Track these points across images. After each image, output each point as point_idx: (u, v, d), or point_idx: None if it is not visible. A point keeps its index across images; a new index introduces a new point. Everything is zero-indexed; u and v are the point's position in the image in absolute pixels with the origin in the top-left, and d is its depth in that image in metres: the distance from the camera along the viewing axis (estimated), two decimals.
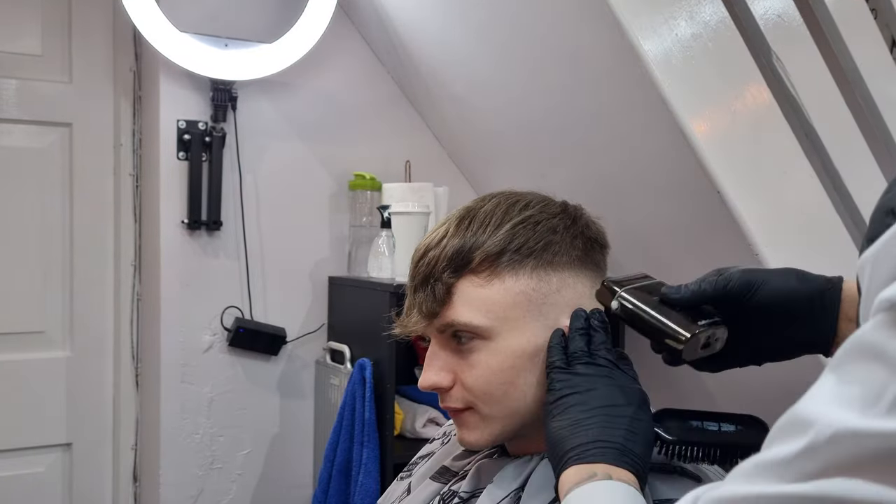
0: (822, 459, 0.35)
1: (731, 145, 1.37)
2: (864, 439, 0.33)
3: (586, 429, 0.66)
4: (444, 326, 0.79)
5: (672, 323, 0.70)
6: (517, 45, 1.62)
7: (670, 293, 0.73)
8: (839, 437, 0.34)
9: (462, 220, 0.81)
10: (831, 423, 0.34)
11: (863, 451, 0.33)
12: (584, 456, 0.65)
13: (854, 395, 0.34)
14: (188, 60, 1.82)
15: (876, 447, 0.33)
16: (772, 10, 1.42)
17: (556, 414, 0.69)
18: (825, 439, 0.34)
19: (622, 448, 0.65)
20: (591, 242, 0.82)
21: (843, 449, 0.34)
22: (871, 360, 0.35)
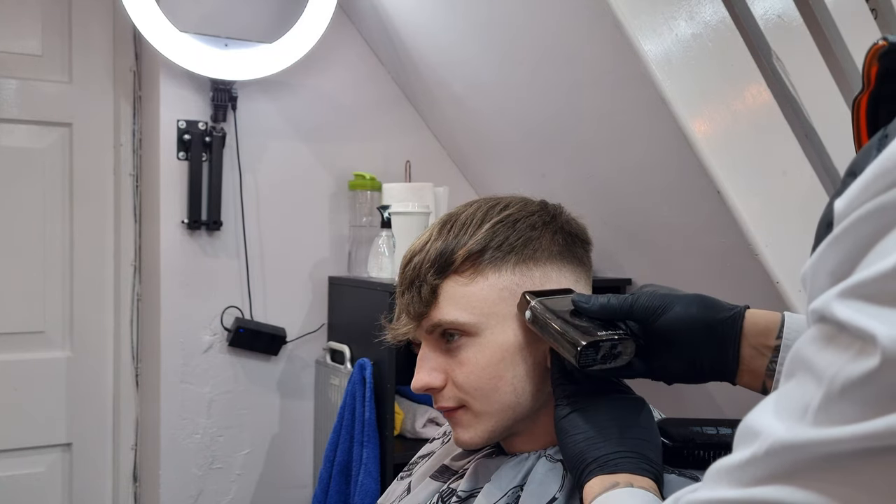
0: (763, 468, 0.37)
1: (731, 145, 1.37)
2: (794, 451, 0.36)
3: (603, 441, 0.68)
4: (431, 327, 0.80)
5: (571, 333, 0.71)
6: (517, 46, 1.62)
7: (580, 302, 0.74)
8: (774, 450, 0.37)
9: (444, 224, 0.83)
10: (768, 436, 0.37)
11: (793, 461, 0.36)
12: (605, 467, 0.66)
13: (789, 406, 0.37)
14: (188, 60, 1.82)
15: (804, 457, 0.35)
16: (772, 10, 1.42)
17: (569, 429, 0.71)
18: (763, 451, 0.37)
19: (640, 456, 0.67)
20: (572, 238, 0.84)
21: (777, 460, 0.37)
22: (803, 371, 0.37)
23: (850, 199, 0.36)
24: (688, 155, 1.35)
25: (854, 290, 0.34)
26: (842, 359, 0.34)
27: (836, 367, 0.34)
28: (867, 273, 0.33)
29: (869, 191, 0.35)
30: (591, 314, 0.73)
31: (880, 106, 0.43)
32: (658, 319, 0.71)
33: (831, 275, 0.36)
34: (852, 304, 0.34)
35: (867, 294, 0.33)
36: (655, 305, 0.71)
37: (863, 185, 0.35)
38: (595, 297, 0.74)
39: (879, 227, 0.33)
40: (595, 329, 0.72)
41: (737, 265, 1.42)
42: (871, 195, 0.34)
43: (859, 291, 0.34)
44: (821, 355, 0.35)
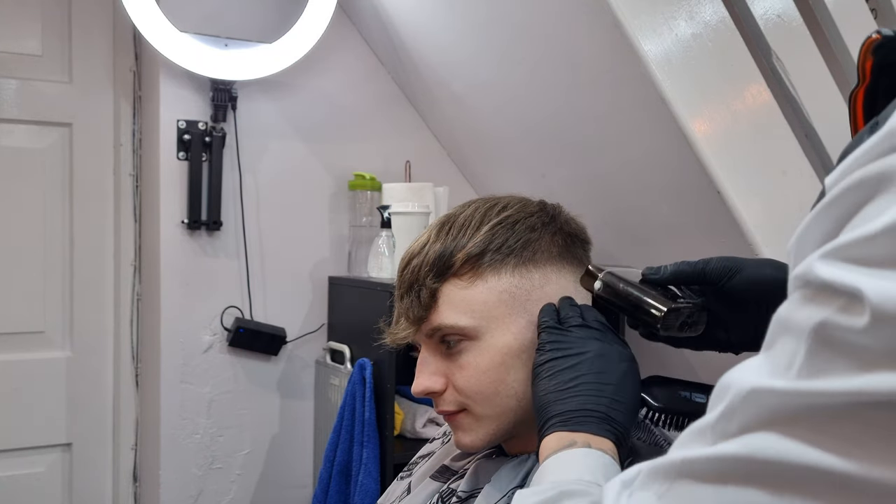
0: (738, 418, 0.36)
1: (731, 145, 1.37)
2: (776, 397, 0.35)
3: (573, 395, 0.67)
4: (431, 331, 0.80)
5: (651, 299, 0.72)
6: (517, 46, 1.62)
7: (650, 273, 0.75)
8: (753, 395, 0.36)
9: (443, 226, 0.82)
10: (744, 385, 0.36)
11: (772, 408, 0.35)
12: (567, 423, 0.66)
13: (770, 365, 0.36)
14: (188, 60, 1.82)
15: (788, 404, 0.34)
16: (772, 10, 1.42)
17: (544, 376, 0.70)
18: (740, 398, 0.36)
19: (605, 417, 0.66)
20: (572, 238, 0.83)
21: (755, 406, 0.35)
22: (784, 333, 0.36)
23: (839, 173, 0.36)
24: (688, 155, 1.35)
25: (837, 251, 0.34)
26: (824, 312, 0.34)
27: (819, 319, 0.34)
28: (851, 235, 0.33)
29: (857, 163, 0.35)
30: (663, 282, 0.74)
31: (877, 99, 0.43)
32: (731, 281, 0.71)
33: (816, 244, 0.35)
34: (836, 265, 0.34)
35: (851, 256, 0.33)
36: (728, 267, 0.71)
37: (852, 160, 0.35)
38: (664, 266, 0.75)
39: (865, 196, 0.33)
40: (672, 296, 0.73)
41: None
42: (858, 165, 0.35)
43: (843, 253, 0.34)
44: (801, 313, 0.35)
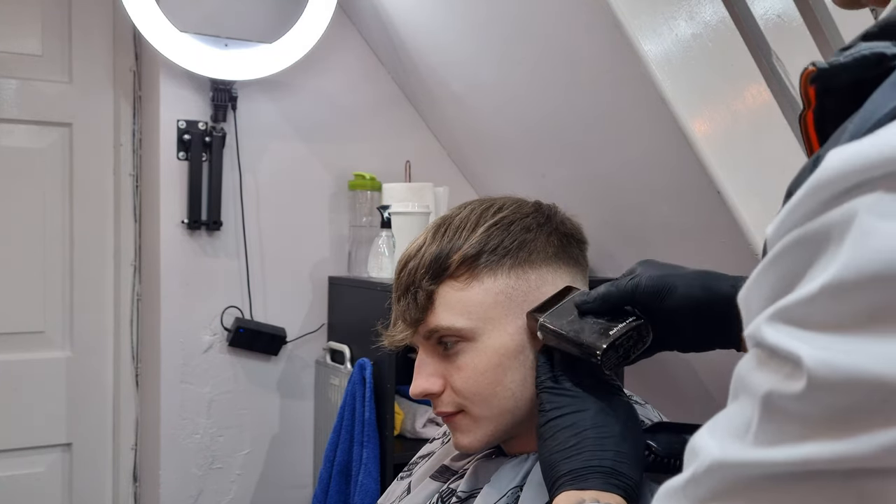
0: (703, 487, 0.37)
1: (731, 145, 1.37)
2: (731, 469, 0.36)
3: (577, 453, 0.68)
4: (428, 333, 0.80)
5: (587, 339, 0.71)
6: (517, 46, 1.62)
7: (580, 302, 0.74)
8: (713, 468, 0.36)
9: (439, 228, 0.82)
10: (707, 455, 0.37)
11: (731, 480, 0.36)
12: (574, 482, 0.67)
13: (729, 426, 0.37)
14: (188, 60, 1.82)
15: (741, 476, 0.35)
16: (772, 10, 1.42)
17: (546, 437, 0.71)
18: (703, 470, 0.37)
19: (611, 471, 0.67)
20: (567, 238, 0.83)
21: (717, 479, 0.36)
22: (742, 392, 0.37)
23: (777, 225, 0.36)
24: (688, 155, 1.35)
25: (780, 314, 0.34)
26: (771, 380, 0.34)
27: (767, 389, 0.35)
28: (793, 297, 0.34)
29: (795, 215, 0.35)
30: (595, 311, 0.73)
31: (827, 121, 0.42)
32: (662, 304, 0.70)
33: (762, 301, 0.36)
34: (780, 328, 0.34)
35: (793, 318, 0.34)
36: (657, 289, 0.70)
37: (789, 210, 0.35)
38: (594, 291, 0.74)
39: (807, 255, 0.34)
40: (608, 326, 0.71)
41: (737, 265, 1.42)
42: (797, 221, 0.35)
43: (786, 315, 0.34)
44: (755, 376, 0.36)
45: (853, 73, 0.40)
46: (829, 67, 0.42)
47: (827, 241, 0.33)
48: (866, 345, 0.31)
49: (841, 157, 0.33)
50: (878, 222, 0.31)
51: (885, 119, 0.33)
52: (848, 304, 0.31)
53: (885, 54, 0.39)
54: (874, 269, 0.31)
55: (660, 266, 0.73)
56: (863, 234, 0.31)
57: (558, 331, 0.73)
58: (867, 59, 0.40)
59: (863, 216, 0.31)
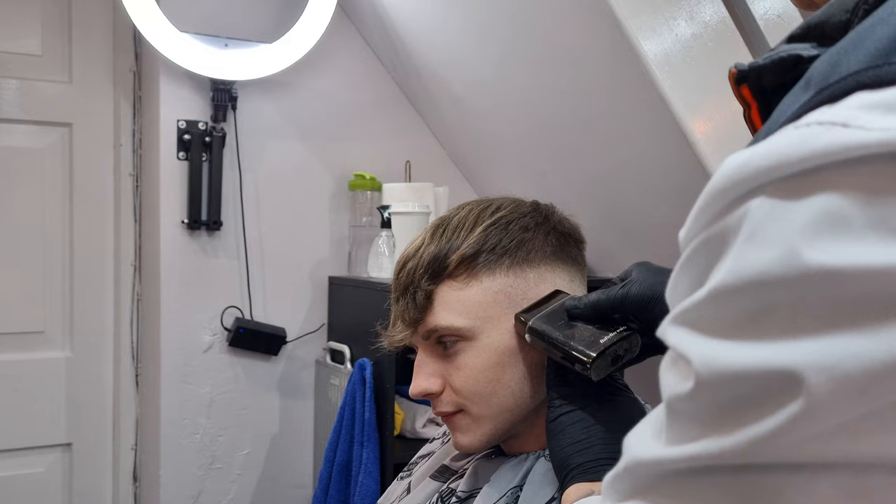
0: (626, 483, 0.39)
1: (731, 145, 1.37)
2: (647, 467, 0.37)
3: (586, 447, 0.68)
4: (427, 333, 0.80)
5: (577, 346, 0.70)
6: (517, 46, 1.62)
7: (572, 308, 0.73)
8: (631, 466, 0.38)
9: (437, 228, 0.83)
10: (627, 452, 0.39)
11: (647, 477, 0.37)
12: (586, 474, 0.67)
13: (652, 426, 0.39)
14: (188, 60, 1.82)
15: (656, 473, 0.36)
16: (772, 10, 1.42)
17: (556, 433, 0.71)
18: (623, 467, 0.39)
19: None
20: (566, 237, 0.84)
21: (635, 476, 0.38)
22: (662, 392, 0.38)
23: (687, 229, 0.37)
24: (688, 155, 1.35)
25: (679, 316, 0.36)
26: (673, 382, 0.36)
27: (669, 392, 0.36)
28: (689, 301, 0.35)
29: (700, 220, 0.36)
30: (585, 318, 0.73)
31: None
32: (650, 313, 0.70)
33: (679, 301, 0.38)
34: (678, 330, 0.36)
35: (688, 320, 0.35)
36: (647, 298, 0.70)
37: (695, 215, 0.37)
38: (585, 297, 0.73)
39: (710, 258, 0.35)
40: (598, 334, 0.71)
41: None
42: (702, 225, 0.36)
43: (683, 318, 0.35)
44: (665, 377, 0.37)
45: (774, 75, 0.41)
46: (748, 69, 0.43)
47: (724, 244, 0.34)
48: (742, 346, 0.32)
49: (737, 162, 0.34)
50: (757, 230, 0.32)
51: (785, 124, 0.34)
52: (728, 309, 0.33)
53: (801, 56, 0.39)
54: (750, 277, 0.32)
55: (654, 271, 0.72)
56: (744, 241, 0.32)
57: (548, 335, 0.72)
58: (784, 61, 0.40)
59: (747, 223, 0.33)
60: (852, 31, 0.35)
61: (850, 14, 0.37)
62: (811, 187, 0.31)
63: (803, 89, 0.35)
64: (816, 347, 0.30)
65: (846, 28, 0.37)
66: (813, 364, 0.30)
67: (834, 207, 0.30)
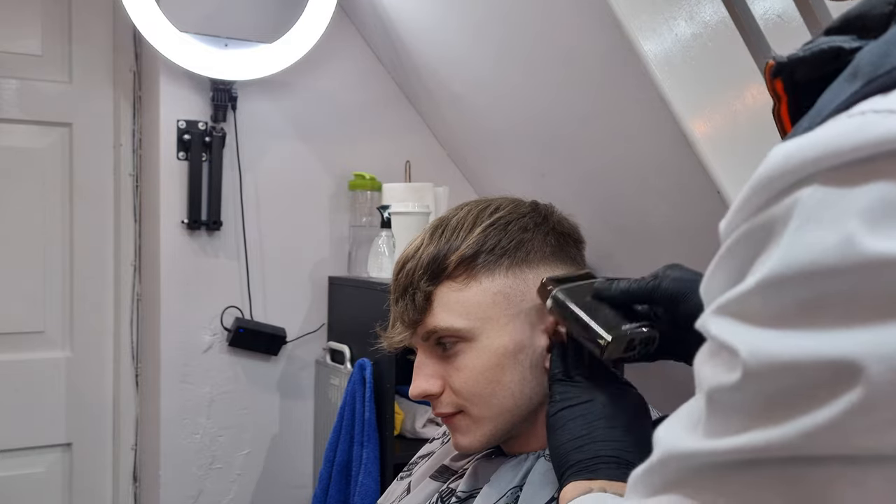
0: (658, 477, 0.38)
1: (731, 145, 1.37)
2: (683, 460, 0.37)
3: (586, 443, 0.68)
4: (427, 334, 0.80)
5: (597, 324, 0.70)
6: (518, 45, 1.62)
7: (602, 288, 0.73)
8: (665, 459, 0.38)
9: (436, 229, 0.82)
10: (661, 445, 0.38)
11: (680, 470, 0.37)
12: (583, 472, 0.67)
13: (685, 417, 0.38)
14: (188, 60, 1.82)
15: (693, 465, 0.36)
16: (772, 10, 1.42)
17: (556, 428, 0.71)
18: (657, 460, 0.38)
19: (619, 461, 0.66)
20: (564, 237, 0.84)
21: (669, 469, 0.37)
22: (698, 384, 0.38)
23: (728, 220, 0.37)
24: (688, 155, 1.35)
25: (723, 307, 0.35)
26: (715, 373, 0.35)
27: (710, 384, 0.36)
28: (734, 291, 0.35)
29: (744, 210, 0.36)
30: (612, 301, 0.72)
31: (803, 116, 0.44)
32: (678, 308, 0.70)
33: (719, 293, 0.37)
34: (722, 321, 0.35)
35: (733, 311, 0.35)
36: (676, 293, 0.70)
37: (738, 205, 0.36)
38: (617, 282, 0.73)
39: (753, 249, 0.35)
40: (619, 320, 0.71)
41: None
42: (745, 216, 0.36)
43: (727, 309, 0.35)
44: (704, 369, 0.37)
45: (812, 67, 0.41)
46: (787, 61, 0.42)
47: (770, 235, 0.34)
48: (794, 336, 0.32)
49: (783, 153, 0.34)
50: (810, 219, 0.32)
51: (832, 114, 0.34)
52: (779, 299, 0.32)
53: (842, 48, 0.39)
54: (802, 266, 0.31)
55: (685, 271, 0.72)
56: (795, 230, 0.32)
57: (570, 306, 0.72)
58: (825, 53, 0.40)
59: (798, 212, 0.32)
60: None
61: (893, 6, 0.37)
62: (867, 176, 0.31)
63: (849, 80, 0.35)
64: (875, 337, 0.30)
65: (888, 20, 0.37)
66: (872, 353, 0.29)
67: (891, 195, 0.30)
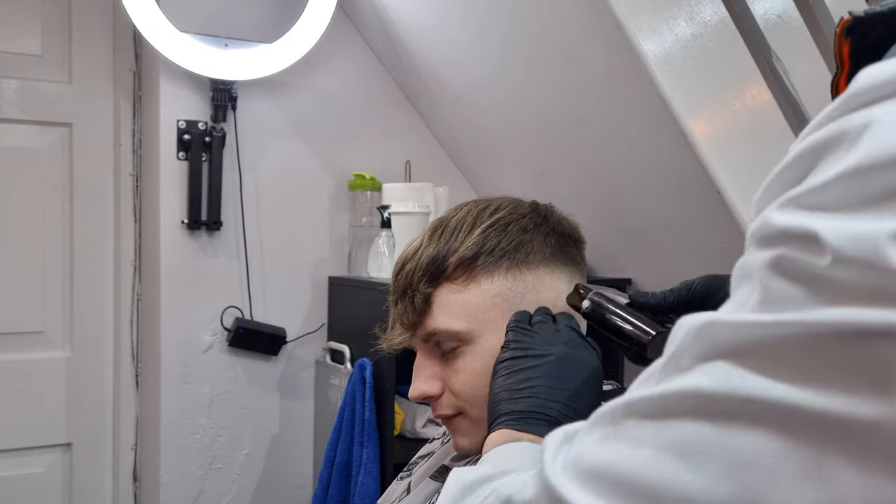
0: (689, 355, 0.36)
1: (731, 145, 1.37)
2: (729, 329, 0.35)
3: (525, 396, 0.67)
4: (426, 336, 0.80)
5: (640, 322, 0.72)
6: (518, 46, 1.62)
7: (638, 297, 0.74)
8: (706, 328, 0.35)
9: (435, 230, 0.82)
10: (695, 321, 0.36)
11: (726, 339, 0.35)
12: (515, 422, 0.66)
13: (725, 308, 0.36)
14: (188, 60, 1.82)
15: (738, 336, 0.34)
16: (772, 10, 1.42)
17: (501, 374, 0.70)
18: (692, 334, 0.36)
19: (554, 422, 0.65)
20: (565, 238, 0.83)
21: (708, 339, 0.35)
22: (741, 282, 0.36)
23: (803, 135, 0.37)
24: (688, 155, 1.35)
25: (793, 201, 0.34)
26: (780, 250, 0.34)
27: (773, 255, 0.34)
28: (805, 186, 0.34)
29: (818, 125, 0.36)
30: (650, 308, 0.73)
31: None
32: (711, 300, 0.70)
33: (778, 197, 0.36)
34: (792, 212, 0.34)
35: (806, 204, 0.34)
36: (710, 287, 0.71)
37: (813, 123, 0.36)
38: (651, 292, 0.74)
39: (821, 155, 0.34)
40: (655, 322, 0.72)
41: None
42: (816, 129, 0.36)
43: (798, 202, 0.34)
44: (756, 256, 0.35)
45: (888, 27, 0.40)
46: (864, 16, 0.42)
47: (841, 141, 0.34)
48: (882, 220, 0.31)
49: (869, 73, 0.34)
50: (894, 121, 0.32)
51: None
52: (863, 186, 0.32)
53: None
54: (890, 154, 0.32)
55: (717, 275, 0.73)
56: (880, 128, 0.32)
57: (610, 307, 0.73)
58: None
59: (880, 118, 0.32)
60: None
61: None
62: None
63: None
64: None
65: None
66: None
67: None
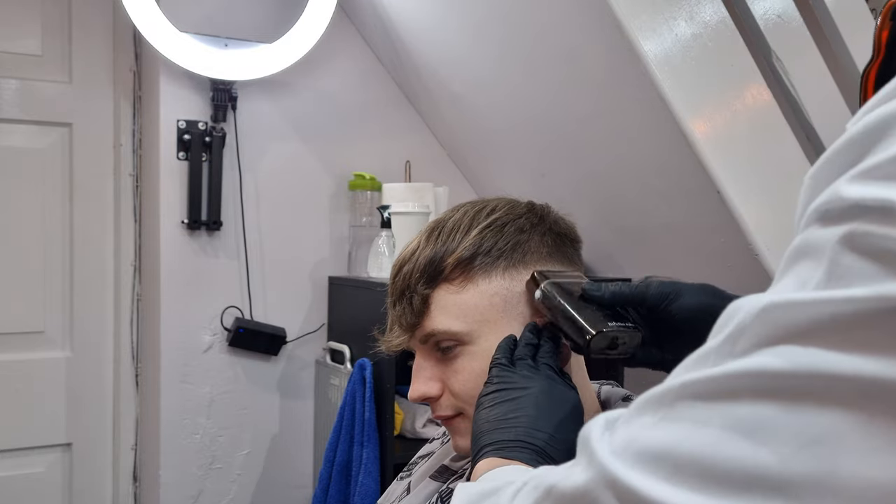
0: (749, 336, 0.34)
1: (731, 145, 1.37)
2: (795, 308, 0.33)
3: (511, 427, 0.67)
4: (425, 337, 0.80)
5: (583, 318, 0.72)
6: (518, 46, 1.62)
7: (591, 290, 0.75)
8: (769, 309, 0.33)
9: (432, 231, 0.82)
10: (757, 303, 0.34)
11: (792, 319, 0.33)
12: (501, 451, 0.66)
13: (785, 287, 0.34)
14: (188, 60, 1.82)
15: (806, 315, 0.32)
16: (772, 10, 1.42)
17: (485, 406, 0.70)
18: (753, 315, 0.34)
19: (541, 451, 0.66)
20: (561, 238, 0.83)
21: (770, 322, 0.33)
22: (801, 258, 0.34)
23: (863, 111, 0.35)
24: (688, 155, 1.35)
25: (865, 173, 0.33)
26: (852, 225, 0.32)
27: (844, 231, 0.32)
28: (878, 157, 0.32)
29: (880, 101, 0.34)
30: (602, 303, 0.74)
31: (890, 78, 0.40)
32: (669, 306, 0.71)
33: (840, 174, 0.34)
34: (865, 184, 0.32)
35: (881, 175, 0.32)
36: (667, 292, 0.72)
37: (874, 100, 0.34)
38: (605, 284, 0.75)
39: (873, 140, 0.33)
40: (605, 318, 0.72)
41: (737, 265, 1.42)
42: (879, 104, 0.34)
43: (872, 174, 0.32)
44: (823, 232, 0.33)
45: None
46: None
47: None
48: None
49: None
50: None
51: None
52: None
53: None
54: None
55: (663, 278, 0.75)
56: None
57: (559, 300, 0.73)
58: None
59: None
60: None
61: None
62: None
63: None
64: None
65: None
66: None
67: None
